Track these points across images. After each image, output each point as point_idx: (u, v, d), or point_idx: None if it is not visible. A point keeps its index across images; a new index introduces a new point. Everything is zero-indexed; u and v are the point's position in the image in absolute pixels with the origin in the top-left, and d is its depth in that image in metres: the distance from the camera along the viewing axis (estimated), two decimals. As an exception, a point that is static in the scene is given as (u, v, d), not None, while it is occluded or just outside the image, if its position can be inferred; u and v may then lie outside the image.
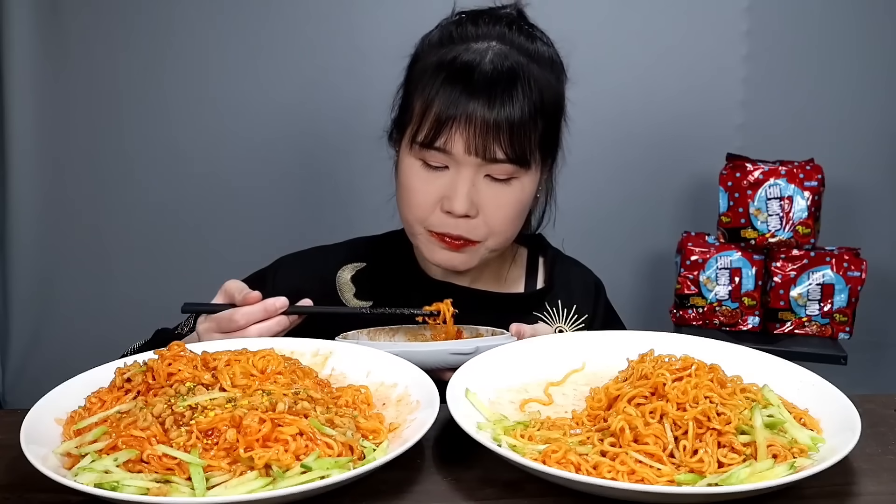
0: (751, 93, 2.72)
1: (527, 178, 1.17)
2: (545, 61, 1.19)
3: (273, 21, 2.72)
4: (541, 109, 1.14)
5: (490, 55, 1.13)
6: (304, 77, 2.73)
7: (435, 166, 1.15)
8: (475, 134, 1.10)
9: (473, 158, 1.12)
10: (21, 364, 2.93)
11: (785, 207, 2.39)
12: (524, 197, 1.18)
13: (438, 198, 1.14)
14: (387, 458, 0.74)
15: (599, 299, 1.36)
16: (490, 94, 1.10)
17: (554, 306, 1.30)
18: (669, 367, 0.85)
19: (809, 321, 2.45)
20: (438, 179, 1.14)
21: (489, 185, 1.14)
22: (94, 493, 0.70)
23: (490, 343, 1.02)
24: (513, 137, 1.11)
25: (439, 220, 1.15)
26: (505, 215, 1.16)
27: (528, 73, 1.14)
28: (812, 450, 0.79)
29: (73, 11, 2.73)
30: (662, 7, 2.69)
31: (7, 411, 1.23)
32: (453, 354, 1.00)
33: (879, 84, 2.69)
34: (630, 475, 0.75)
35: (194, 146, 2.78)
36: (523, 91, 1.12)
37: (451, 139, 1.11)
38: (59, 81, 2.76)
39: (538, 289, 1.33)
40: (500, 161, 1.12)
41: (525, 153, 1.13)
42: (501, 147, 1.11)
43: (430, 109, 1.12)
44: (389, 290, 1.25)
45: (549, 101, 1.16)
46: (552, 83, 1.18)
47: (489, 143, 1.11)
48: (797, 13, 2.67)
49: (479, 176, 1.14)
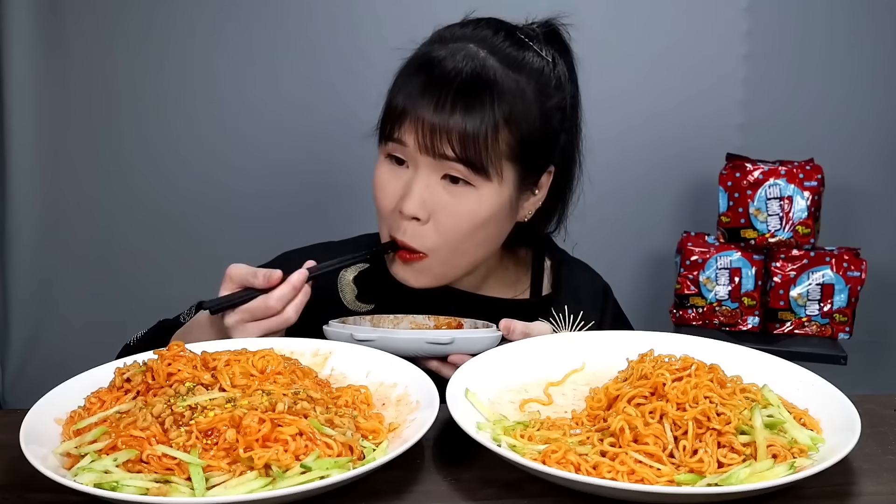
0: (751, 93, 2.72)
1: (487, 191, 1.10)
2: (529, 72, 1.13)
3: (273, 21, 2.72)
4: (506, 118, 1.09)
5: (460, 55, 1.10)
6: (305, 77, 2.74)
7: (399, 161, 1.13)
8: (424, 131, 1.07)
9: (426, 158, 1.09)
10: (21, 364, 2.93)
11: (785, 207, 2.39)
12: (482, 212, 1.11)
13: (397, 199, 1.12)
14: (387, 458, 0.74)
15: (607, 305, 1.34)
16: (443, 93, 1.07)
17: (560, 312, 1.28)
18: (669, 367, 0.85)
19: (809, 321, 2.45)
20: (400, 178, 1.12)
21: (446, 188, 1.10)
22: (94, 493, 0.70)
23: (469, 335, 1.03)
24: (465, 141, 1.07)
25: (395, 223, 1.13)
26: (456, 225, 1.11)
27: (494, 78, 1.09)
28: (812, 450, 0.79)
29: (73, 11, 2.73)
30: (662, 7, 2.69)
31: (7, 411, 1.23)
32: (430, 343, 1.01)
33: (879, 84, 2.69)
34: (630, 475, 0.75)
35: (194, 146, 2.78)
36: (482, 92, 1.08)
37: (404, 132, 1.10)
38: (59, 81, 2.76)
39: (544, 295, 1.30)
40: (451, 159, 1.08)
41: (479, 158, 1.08)
42: (450, 144, 1.07)
43: (393, 101, 1.12)
44: (392, 294, 1.22)
45: (521, 112, 1.11)
46: (529, 95, 1.12)
47: (437, 142, 1.07)
48: (797, 13, 2.67)
49: (436, 178, 1.10)
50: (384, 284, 1.23)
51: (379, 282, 1.24)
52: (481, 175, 1.09)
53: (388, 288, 1.22)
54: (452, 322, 1.14)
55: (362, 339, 1.01)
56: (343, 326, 1.06)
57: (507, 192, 1.13)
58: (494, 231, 1.17)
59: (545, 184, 1.21)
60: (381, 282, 1.23)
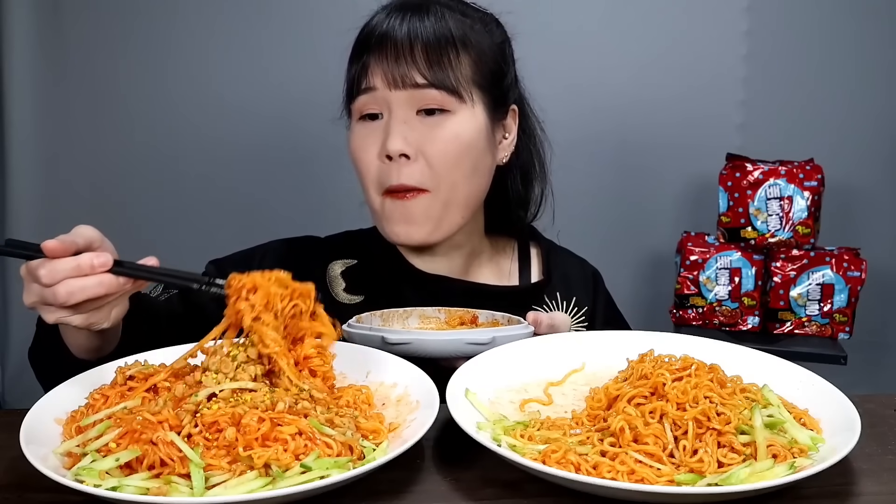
0: (751, 93, 2.72)
1: (463, 114, 1.14)
2: (474, 16, 1.20)
3: (272, 21, 2.72)
4: (464, 44, 1.14)
5: (405, 6, 1.17)
6: (305, 77, 2.73)
7: (371, 117, 1.15)
8: (391, 66, 1.12)
9: (398, 93, 1.12)
10: (21, 364, 2.92)
11: (785, 207, 2.39)
12: (464, 133, 1.14)
13: (378, 149, 1.14)
14: (387, 458, 0.74)
15: (598, 290, 1.35)
16: (401, 29, 1.13)
17: (553, 299, 1.29)
18: (669, 367, 0.85)
19: (809, 321, 2.45)
20: (377, 130, 1.15)
21: (423, 121, 1.14)
22: (94, 493, 0.70)
23: (507, 333, 1.01)
24: (430, 61, 1.12)
25: (385, 172, 1.14)
26: (443, 151, 1.13)
27: (444, 14, 1.16)
28: (812, 450, 0.79)
29: (74, 12, 2.73)
30: (662, 7, 2.69)
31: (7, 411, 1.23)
32: (469, 344, 0.99)
33: (879, 84, 2.70)
34: (630, 475, 0.75)
35: (194, 146, 2.78)
36: (438, 24, 1.14)
37: (371, 77, 1.13)
38: (58, 82, 2.77)
39: (535, 282, 1.31)
40: (422, 86, 1.12)
41: (449, 79, 1.12)
42: (419, 70, 1.12)
43: (354, 59, 1.16)
44: (381, 285, 1.24)
45: (475, 42, 1.16)
46: (478, 30, 1.18)
47: (406, 70, 1.11)
48: (797, 13, 2.68)
49: (412, 114, 1.13)
50: (372, 277, 1.24)
51: (366, 275, 1.25)
52: (454, 96, 1.13)
53: (375, 280, 1.24)
54: (465, 315, 1.13)
55: (395, 341, 0.98)
56: (371, 329, 1.02)
57: (480, 116, 1.17)
58: (480, 161, 1.18)
59: (512, 126, 1.25)
60: (368, 275, 1.25)
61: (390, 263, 1.25)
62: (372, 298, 1.23)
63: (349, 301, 1.23)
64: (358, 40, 1.18)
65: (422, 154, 1.13)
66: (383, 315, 1.13)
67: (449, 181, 1.14)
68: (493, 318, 1.11)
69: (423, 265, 1.25)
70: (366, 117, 1.16)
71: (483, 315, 1.12)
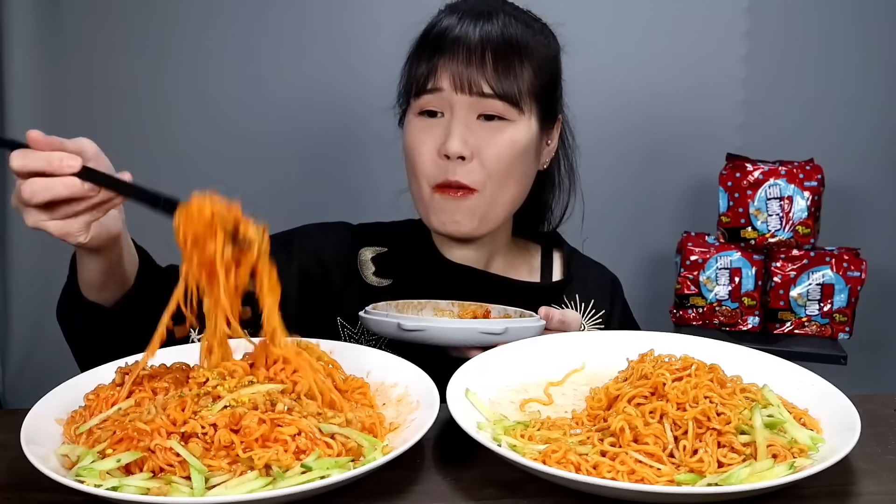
0: (751, 93, 2.72)
1: (521, 124, 1.19)
2: (535, 27, 1.24)
3: (274, 20, 2.72)
4: (528, 58, 1.18)
5: (475, 11, 1.20)
6: (305, 76, 2.74)
7: (431, 114, 1.19)
8: (460, 71, 1.15)
9: (463, 97, 1.16)
10: (21, 364, 2.93)
11: (785, 207, 2.39)
12: (519, 142, 1.19)
13: (437, 146, 1.18)
14: (387, 458, 0.74)
15: (617, 297, 1.38)
16: (472, 36, 1.16)
17: (572, 300, 1.32)
18: (669, 367, 0.85)
19: (809, 321, 2.45)
20: (436, 127, 1.19)
21: (482, 126, 1.18)
22: (95, 493, 0.70)
23: (520, 324, 1.03)
24: (498, 73, 1.16)
25: (440, 168, 1.18)
26: (499, 155, 1.18)
27: (513, 25, 1.19)
28: (812, 450, 0.79)
29: (73, 11, 2.73)
30: (662, 7, 2.69)
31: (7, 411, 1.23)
32: (483, 333, 1.00)
33: (879, 84, 2.69)
34: (630, 475, 0.75)
35: (194, 146, 2.78)
36: (507, 35, 1.17)
37: (438, 79, 1.17)
38: (59, 81, 2.76)
39: (555, 280, 1.34)
40: (488, 95, 1.16)
41: (514, 91, 1.17)
42: (487, 81, 1.16)
43: (420, 64, 1.19)
44: (408, 272, 1.28)
45: (538, 55, 1.20)
46: (540, 42, 1.23)
47: (475, 77, 1.15)
48: (797, 13, 2.67)
49: (472, 117, 1.17)
50: (401, 263, 1.29)
51: (395, 261, 1.29)
52: (515, 108, 1.18)
53: (404, 266, 1.29)
54: (479, 309, 1.15)
55: (411, 328, 1.00)
56: (388, 315, 1.04)
57: (534, 126, 1.22)
58: (528, 168, 1.23)
59: (555, 134, 1.30)
60: (397, 260, 1.29)
61: (418, 252, 1.30)
62: (399, 283, 1.27)
63: (378, 284, 1.27)
64: (426, 39, 1.21)
65: (477, 156, 1.18)
66: (398, 305, 1.15)
67: (498, 184, 1.19)
68: (505, 313, 1.14)
69: (453, 256, 1.29)
70: (425, 113, 1.20)
71: (496, 310, 1.15)
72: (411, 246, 1.30)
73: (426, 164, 1.19)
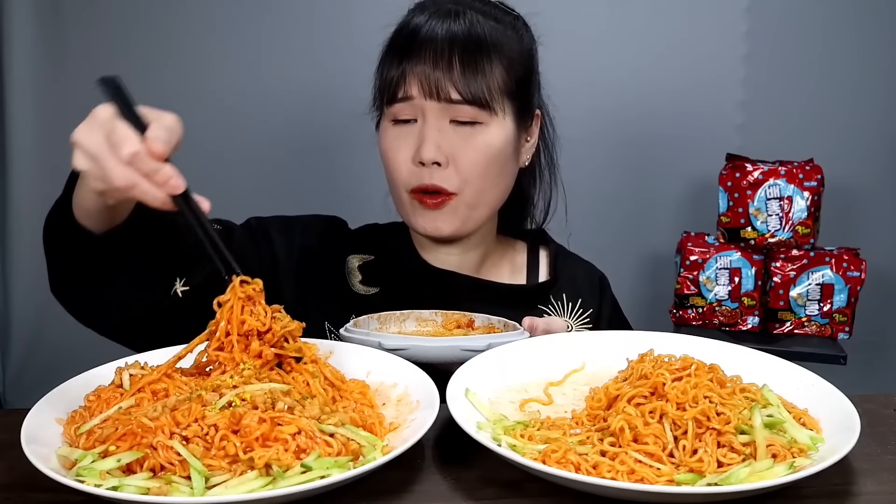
0: (751, 93, 2.72)
1: (494, 126, 1.18)
2: (504, 23, 1.22)
3: (273, 20, 2.72)
4: (499, 58, 1.17)
5: (442, 11, 1.19)
6: (305, 76, 2.74)
7: (404, 121, 1.19)
8: (429, 79, 1.14)
9: (434, 103, 1.15)
10: (21, 364, 2.93)
11: (784, 207, 2.39)
12: (494, 144, 1.18)
13: (412, 153, 1.18)
14: (387, 458, 0.74)
15: (605, 294, 1.37)
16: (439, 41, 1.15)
17: (559, 300, 1.31)
18: (669, 367, 0.85)
19: (809, 321, 2.45)
20: (409, 135, 1.18)
21: (456, 130, 1.17)
22: (95, 492, 0.70)
23: (502, 339, 1.02)
24: (466, 78, 1.14)
25: (415, 174, 1.18)
26: (474, 160, 1.17)
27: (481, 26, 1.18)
28: (811, 449, 0.79)
29: (74, 11, 2.74)
30: (662, 7, 2.69)
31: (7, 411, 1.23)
32: (465, 350, 0.99)
33: (879, 84, 2.70)
34: (630, 475, 0.75)
35: (194, 145, 2.77)
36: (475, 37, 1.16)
37: (408, 86, 1.16)
38: (59, 81, 2.77)
39: (542, 281, 1.34)
40: (457, 101, 1.15)
41: (483, 95, 1.15)
42: (455, 87, 1.15)
43: (389, 68, 1.19)
44: (394, 279, 1.28)
45: (509, 54, 1.19)
46: (511, 39, 1.21)
47: (442, 84, 1.14)
48: (797, 13, 2.68)
49: (445, 123, 1.17)
50: (387, 271, 1.29)
51: (381, 269, 1.29)
52: (486, 111, 1.17)
53: (390, 274, 1.28)
54: (462, 319, 1.14)
55: (392, 347, 0.99)
56: (367, 333, 1.03)
57: (510, 125, 1.21)
58: (506, 168, 1.23)
59: (535, 130, 1.29)
60: (383, 269, 1.29)
61: (404, 259, 1.30)
62: (386, 291, 1.27)
63: (365, 292, 1.27)
64: (395, 41, 1.21)
65: (452, 161, 1.17)
66: (380, 318, 1.14)
67: (476, 187, 1.19)
68: (489, 323, 1.12)
69: (436, 261, 1.29)
70: (399, 121, 1.19)
71: (479, 319, 1.14)
72: (397, 253, 1.31)
73: (402, 172, 1.19)
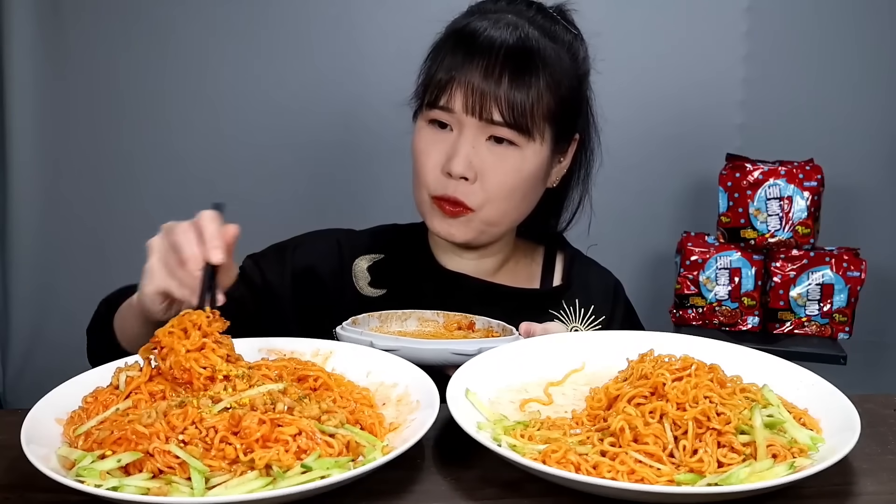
0: (751, 93, 2.72)
1: (530, 150, 1.17)
2: (562, 42, 1.21)
3: (273, 21, 2.72)
4: (548, 83, 1.15)
5: (501, 24, 1.16)
6: (305, 77, 2.74)
7: (441, 125, 1.17)
8: (473, 97, 1.13)
9: (473, 119, 1.14)
10: (21, 364, 2.93)
11: (784, 207, 2.39)
12: (525, 168, 1.17)
13: (442, 161, 1.17)
14: (387, 458, 0.74)
15: (618, 301, 1.35)
16: (491, 59, 1.13)
17: (571, 305, 1.30)
18: (669, 367, 0.85)
19: (809, 321, 2.45)
20: (443, 142, 1.17)
21: (490, 148, 1.16)
22: (95, 493, 0.70)
23: (494, 345, 1.01)
24: (513, 106, 1.13)
25: (441, 183, 1.17)
26: (502, 182, 1.16)
27: (537, 45, 1.15)
28: (812, 449, 0.79)
29: (74, 12, 2.73)
30: (662, 8, 2.69)
31: (7, 411, 1.23)
32: (455, 354, 0.99)
33: (879, 84, 2.69)
34: (630, 475, 0.75)
35: (194, 146, 2.78)
36: (527, 59, 1.14)
37: (451, 98, 1.15)
38: (59, 82, 2.76)
39: (555, 286, 1.33)
40: (498, 124, 1.14)
41: (525, 121, 1.14)
42: (499, 108, 1.13)
43: (438, 70, 1.16)
44: (404, 281, 1.27)
45: (559, 78, 1.17)
46: (565, 62, 1.19)
47: (486, 104, 1.13)
48: (797, 13, 2.67)
49: (481, 139, 1.16)
50: (395, 272, 1.28)
51: (391, 270, 1.28)
52: (525, 136, 1.15)
53: (399, 276, 1.27)
54: (463, 320, 1.14)
55: (383, 347, 0.99)
56: (361, 333, 1.03)
57: (545, 151, 1.19)
58: (532, 191, 1.22)
59: (570, 151, 1.27)
60: (392, 270, 1.28)
61: (415, 260, 1.29)
62: (394, 293, 1.26)
63: (372, 294, 1.27)
64: (448, 42, 1.19)
65: (480, 177, 1.16)
66: (381, 316, 1.14)
67: (498, 207, 1.19)
68: (489, 326, 1.12)
69: (452, 264, 1.28)
70: (435, 123, 1.18)
71: (480, 322, 1.13)
72: (408, 253, 1.30)
73: (429, 176, 1.18)
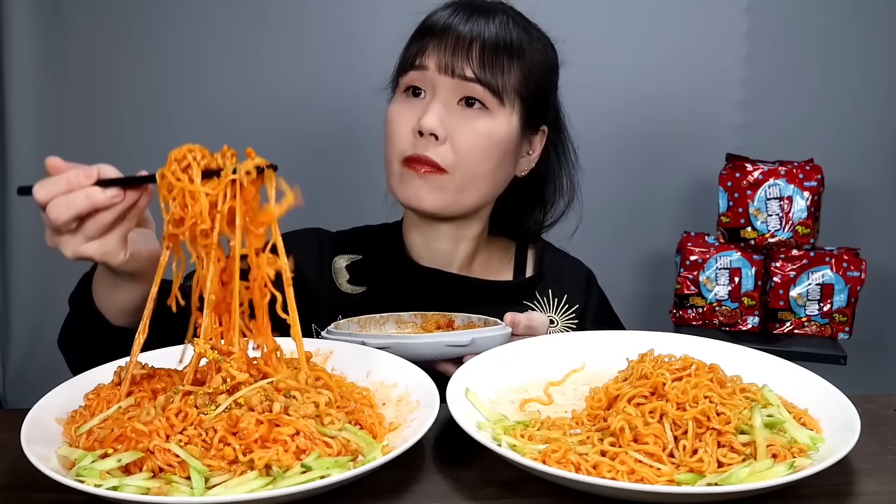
0: (751, 93, 2.72)
1: (501, 117, 1.19)
2: (534, 36, 1.24)
3: (273, 21, 2.72)
4: (519, 58, 1.19)
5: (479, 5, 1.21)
6: (305, 77, 2.74)
7: (416, 93, 1.20)
8: (446, 52, 1.16)
9: (446, 79, 1.17)
10: (21, 364, 2.93)
11: (784, 207, 2.39)
12: (496, 134, 1.19)
13: (413, 123, 1.18)
14: (387, 458, 0.74)
15: (591, 289, 1.37)
16: (465, 21, 1.18)
17: (545, 296, 1.32)
18: (669, 366, 0.85)
19: (809, 321, 2.45)
20: (416, 107, 1.19)
21: (462, 111, 1.18)
22: (95, 492, 0.70)
23: (486, 334, 1.02)
24: (483, 60, 1.16)
25: (411, 143, 1.18)
26: (473, 143, 1.17)
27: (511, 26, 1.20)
28: (811, 449, 0.79)
29: (74, 12, 2.73)
30: (662, 8, 2.69)
31: (7, 411, 1.23)
32: (449, 346, 1.00)
33: (879, 84, 2.70)
34: (630, 475, 0.75)
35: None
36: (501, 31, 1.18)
37: (426, 57, 1.18)
38: (59, 82, 2.77)
39: (527, 277, 1.35)
40: (470, 79, 1.16)
41: (498, 81, 1.17)
42: (471, 66, 1.16)
43: (412, 43, 1.21)
44: (381, 278, 1.29)
45: (530, 59, 1.20)
46: (536, 50, 1.23)
47: (458, 62, 1.16)
48: (797, 13, 2.68)
49: (454, 100, 1.18)
50: (374, 271, 1.30)
51: (369, 268, 1.30)
52: (496, 97, 1.18)
53: (377, 273, 1.30)
54: (441, 319, 1.14)
55: (375, 345, 0.99)
56: (351, 334, 1.04)
57: (515, 123, 1.21)
58: (502, 165, 1.22)
59: (538, 145, 1.29)
60: (370, 268, 1.30)
61: (392, 258, 1.30)
62: (373, 290, 1.28)
63: (352, 291, 1.29)
64: (420, 28, 1.23)
65: (451, 139, 1.17)
66: (360, 321, 1.14)
67: (469, 171, 1.19)
68: (469, 321, 1.12)
69: (425, 258, 1.30)
70: (409, 92, 1.21)
71: (459, 318, 1.14)
72: (385, 253, 1.31)
73: (400, 139, 1.19)
